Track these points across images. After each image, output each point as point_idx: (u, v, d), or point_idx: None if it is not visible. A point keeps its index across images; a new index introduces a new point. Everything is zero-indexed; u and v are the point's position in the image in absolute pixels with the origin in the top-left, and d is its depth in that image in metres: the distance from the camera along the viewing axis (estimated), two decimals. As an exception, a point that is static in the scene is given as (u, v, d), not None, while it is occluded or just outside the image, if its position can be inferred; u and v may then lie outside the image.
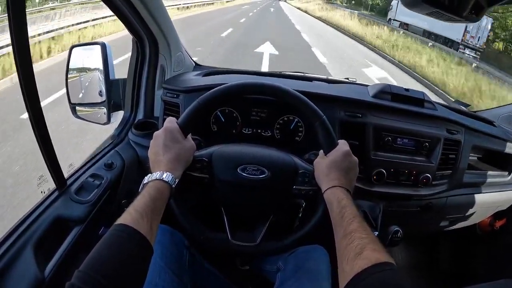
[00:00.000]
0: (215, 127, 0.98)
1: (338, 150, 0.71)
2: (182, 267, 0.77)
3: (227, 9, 20.61)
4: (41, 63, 5.48)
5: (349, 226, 0.57)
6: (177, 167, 0.66)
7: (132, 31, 0.96)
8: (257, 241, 0.72)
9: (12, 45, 0.60)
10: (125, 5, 0.83)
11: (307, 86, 1.06)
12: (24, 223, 0.69)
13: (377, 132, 0.96)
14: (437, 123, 1.01)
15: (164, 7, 0.96)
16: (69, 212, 0.75)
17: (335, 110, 0.94)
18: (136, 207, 0.55)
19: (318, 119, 0.72)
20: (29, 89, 0.64)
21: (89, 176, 0.85)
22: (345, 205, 0.61)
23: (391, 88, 1.01)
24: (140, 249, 0.51)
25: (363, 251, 0.50)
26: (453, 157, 1.03)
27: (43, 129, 0.69)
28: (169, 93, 0.99)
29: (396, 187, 0.98)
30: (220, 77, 1.09)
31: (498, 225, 1.35)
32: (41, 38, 6.11)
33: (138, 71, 1.04)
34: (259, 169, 0.72)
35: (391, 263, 0.49)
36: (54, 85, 3.75)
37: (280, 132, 0.98)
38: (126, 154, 0.95)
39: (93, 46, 0.98)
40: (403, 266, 1.52)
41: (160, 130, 0.69)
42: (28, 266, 0.63)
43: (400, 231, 0.89)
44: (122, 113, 1.07)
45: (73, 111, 1.00)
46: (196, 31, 9.53)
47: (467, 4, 0.58)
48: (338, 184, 0.66)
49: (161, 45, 1.02)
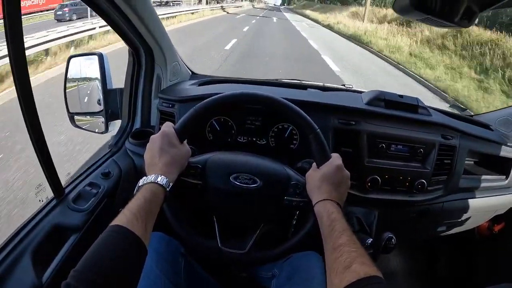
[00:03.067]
0: (210, 136, 0.99)
1: (331, 164, 0.71)
2: (178, 274, 0.78)
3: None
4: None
5: (338, 240, 0.57)
6: (172, 171, 0.67)
7: (127, 42, 0.98)
8: (246, 249, 0.72)
9: (8, 54, 0.61)
10: (119, 17, 0.85)
11: (301, 94, 1.07)
12: (23, 231, 0.70)
13: (371, 139, 0.96)
14: (432, 128, 1.01)
15: (158, 18, 0.97)
16: (67, 220, 0.77)
17: (328, 118, 0.95)
18: (131, 209, 0.56)
19: (312, 131, 0.73)
20: (26, 97, 0.65)
21: (86, 184, 0.86)
22: (335, 218, 0.62)
23: (385, 95, 1.01)
24: (135, 250, 0.52)
25: (352, 265, 0.51)
26: (448, 162, 1.03)
27: (40, 138, 0.71)
28: (165, 103, 1.00)
29: (391, 193, 0.98)
30: (215, 87, 1.11)
31: (497, 229, 1.34)
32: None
33: (135, 81, 1.05)
34: (251, 178, 0.73)
35: (379, 277, 0.49)
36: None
37: (275, 140, 0.99)
38: (123, 163, 0.97)
39: (91, 56, 1.00)
40: (402, 273, 1.51)
41: (157, 134, 0.70)
42: (26, 273, 0.64)
43: (394, 237, 0.89)
44: (120, 122, 1.08)
45: (71, 120, 1.02)
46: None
47: (459, 10, 0.59)
48: (329, 197, 0.66)
49: (156, 55, 1.04)
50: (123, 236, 0.52)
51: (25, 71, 0.65)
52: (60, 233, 0.75)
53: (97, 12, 0.82)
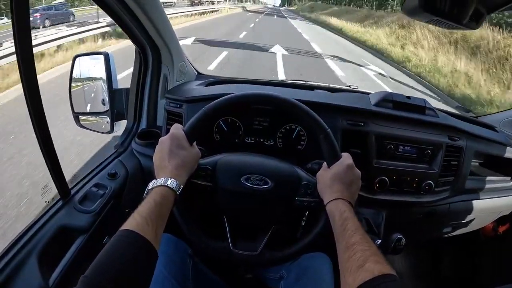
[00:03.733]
0: (218, 137, 0.98)
1: (342, 163, 0.71)
2: (185, 276, 0.77)
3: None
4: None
5: (351, 239, 0.57)
6: (182, 174, 0.66)
7: (134, 41, 0.98)
8: (258, 250, 0.72)
9: (16, 54, 0.61)
10: (127, 16, 0.85)
11: (309, 95, 1.07)
12: (29, 232, 0.69)
13: (379, 140, 0.96)
14: (439, 130, 1.01)
15: (167, 19, 0.97)
16: (73, 222, 0.76)
17: (337, 119, 0.95)
18: (141, 213, 0.55)
19: (322, 132, 0.73)
20: (33, 99, 0.65)
21: (92, 185, 0.86)
22: (347, 217, 0.61)
23: (393, 96, 1.01)
24: (146, 255, 0.52)
25: (365, 263, 0.51)
26: (455, 164, 1.03)
27: (47, 139, 0.70)
28: (172, 103, 1.00)
29: (398, 194, 0.98)
30: (222, 87, 1.10)
31: (501, 230, 1.34)
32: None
33: (141, 81, 1.05)
34: (263, 179, 0.73)
35: (394, 275, 0.49)
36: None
37: (283, 141, 0.98)
38: (130, 164, 0.96)
39: (96, 56, 1.00)
40: (407, 274, 1.52)
41: (166, 136, 0.70)
42: (33, 275, 0.64)
43: (403, 238, 0.89)
44: (125, 122, 1.08)
45: (76, 120, 1.01)
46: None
47: (467, 12, 0.59)
48: (340, 196, 0.66)
49: (163, 55, 1.03)
50: (133, 241, 0.51)
51: (33, 71, 0.64)
52: (66, 234, 0.74)
53: (106, 11, 0.82)
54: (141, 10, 0.83)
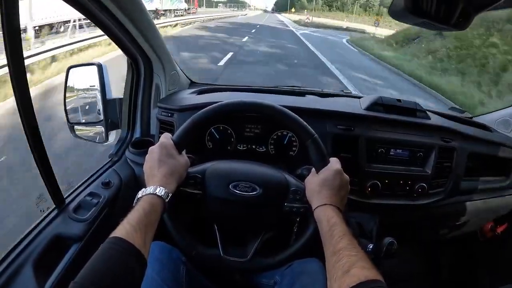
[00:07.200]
0: (210, 144, 0.99)
1: (330, 168, 0.71)
2: (179, 283, 0.78)
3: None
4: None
5: (338, 244, 0.57)
6: (170, 182, 0.67)
7: (126, 52, 0.99)
8: (249, 256, 0.72)
9: (8, 65, 0.62)
10: (116, 26, 0.85)
11: (299, 101, 1.08)
12: (24, 241, 0.71)
13: (370, 144, 0.96)
14: (431, 131, 1.01)
15: (156, 29, 0.98)
16: (68, 230, 0.77)
17: (327, 124, 0.95)
18: (130, 221, 0.56)
19: (309, 137, 0.73)
20: (26, 107, 0.66)
21: (87, 194, 0.87)
22: (334, 223, 0.62)
23: (383, 100, 1.02)
24: (134, 262, 0.52)
25: (351, 269, 0.51)
26: (448, 165, 1.03)
27: (40, 148, 0.71)
28: (164, 112, 1.01)
29: (391, 198, 0.98)
30: (214, 95, 1.11)
31: (500, 230, 1.33)
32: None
33: (134, 91, 1.06)
34: (251, 186, 0.73)
35: (380, 280, 0.49)
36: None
37: (274, 147, 0.99)
38: (123, 173, 0.97)
39: (90, 67, 1.01)
40: (404, 276, 1.50)
41: (155, 145, 0.71)
42: (28, 283, 0.65)
43: (395, 242, 0.88)
44: (120, 131, 1.09)
45: (71, 130, 1.02)
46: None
47: (454, 13, 0.59)
48: (328, 202, 0.66)
49: (155, 65, 1.05)
50: (122, 248, 0.52)
51: (24, 80, 0.65)
52: (61, 243, 0.76)
53: (96, 24, 0.83)
54: (130, 21, 0.84)
